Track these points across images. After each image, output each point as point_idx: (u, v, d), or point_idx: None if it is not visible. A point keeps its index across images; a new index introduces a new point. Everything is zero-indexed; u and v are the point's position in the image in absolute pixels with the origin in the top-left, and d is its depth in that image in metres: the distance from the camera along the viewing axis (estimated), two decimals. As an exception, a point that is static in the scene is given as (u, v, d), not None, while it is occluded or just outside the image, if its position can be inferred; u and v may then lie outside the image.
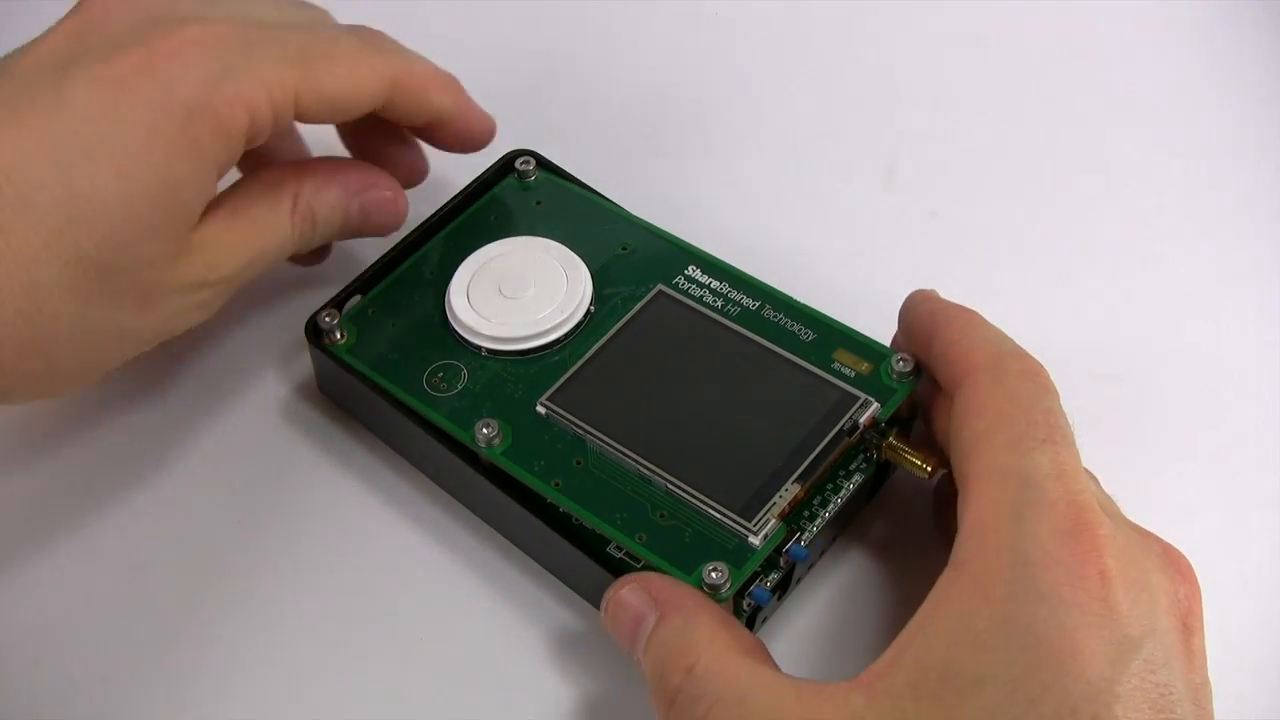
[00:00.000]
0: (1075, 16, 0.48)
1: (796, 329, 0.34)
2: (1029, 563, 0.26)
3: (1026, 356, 0.30)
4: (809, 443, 0.32)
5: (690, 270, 0.36)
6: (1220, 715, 0.27)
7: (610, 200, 0.39)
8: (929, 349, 0.32)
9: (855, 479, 0.32)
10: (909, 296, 0.34)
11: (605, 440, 0.32)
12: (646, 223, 0.38)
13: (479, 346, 0.35)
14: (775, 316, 0.35)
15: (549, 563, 0.34)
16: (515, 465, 0.32)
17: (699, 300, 0.35)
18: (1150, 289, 0.40)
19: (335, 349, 0.35)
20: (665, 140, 0.44)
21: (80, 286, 0.29)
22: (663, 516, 0.31)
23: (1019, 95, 0.45)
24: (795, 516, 0.31)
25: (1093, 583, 0.26)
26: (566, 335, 0.35)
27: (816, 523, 0.32)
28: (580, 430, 0.33)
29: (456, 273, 0.36)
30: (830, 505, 0.32)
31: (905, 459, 0.32)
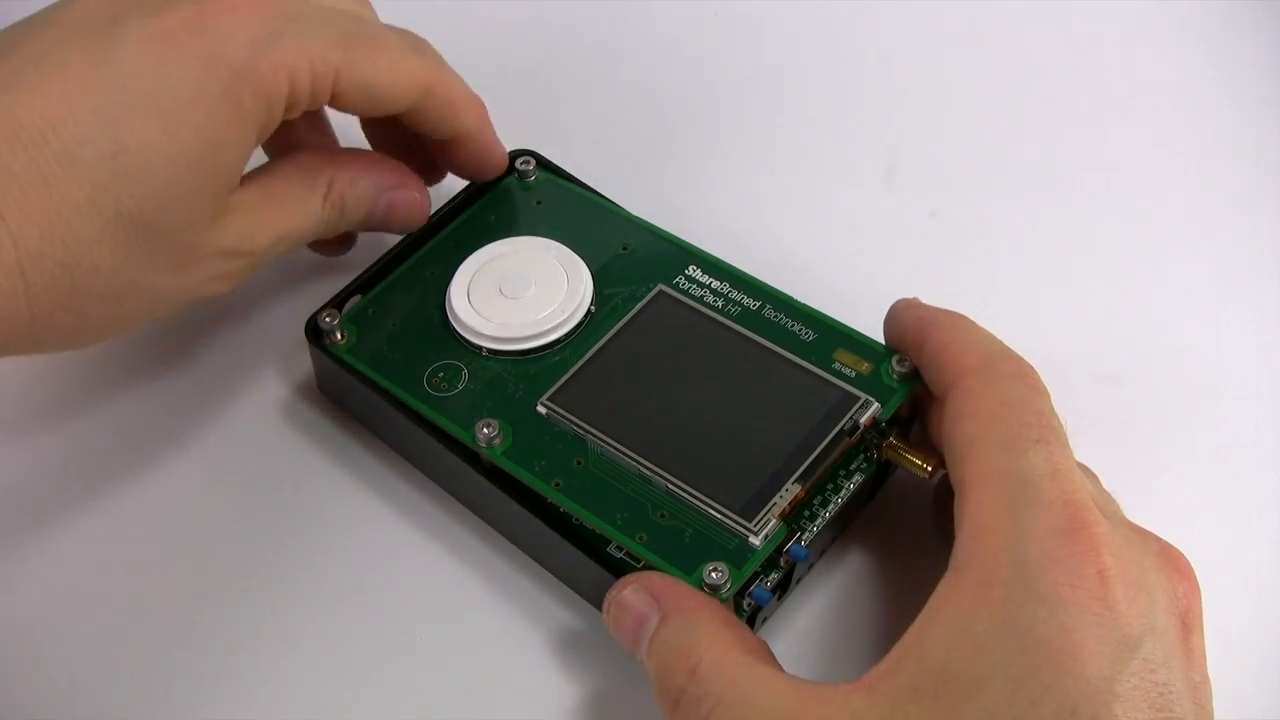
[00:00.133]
0: (1075, 16, 0.48)
1: (797, 329, 0.34)
2: (1027, 564, 0.26)
3: (1016, 358, 0.30)
4: (809, 443, 0.32)
5: (690, 270, 0.36)
6: (1220, 715, 0.27)
7: (610, 200, 0.39)
8: (920, 356, 0.32)
9: (855, 479, 0.32)
10: (892, 306, 0.33)
11: (606, 440, 0.32)
12: (647, 223, 0.38)
13: (479, 346, 0.35)
14: (775, 316, 0.35)
15: (549, 563, 0.34)
16: (516, 465, 0.32)
17: (699, 300, 0.35)
18: (1150, 289, 0.40)
19: (335, 349, 0.35)
20: (666, 140, 0.44)
21: (119, 243, 0.29)
22: (663, 516, 0.31)
23: (1019, 95, 0.46)
24: (795, 516, 0.31)
25: (1091, 582, 0.26)
26: (567, 335, 0.35)
27: (817, 523, 0.32)
28: (581, 430, 0.33)
29: (457, 273, 0.36)
30: (831, 505, 0.32)
31: (905, 459, 0.32)
